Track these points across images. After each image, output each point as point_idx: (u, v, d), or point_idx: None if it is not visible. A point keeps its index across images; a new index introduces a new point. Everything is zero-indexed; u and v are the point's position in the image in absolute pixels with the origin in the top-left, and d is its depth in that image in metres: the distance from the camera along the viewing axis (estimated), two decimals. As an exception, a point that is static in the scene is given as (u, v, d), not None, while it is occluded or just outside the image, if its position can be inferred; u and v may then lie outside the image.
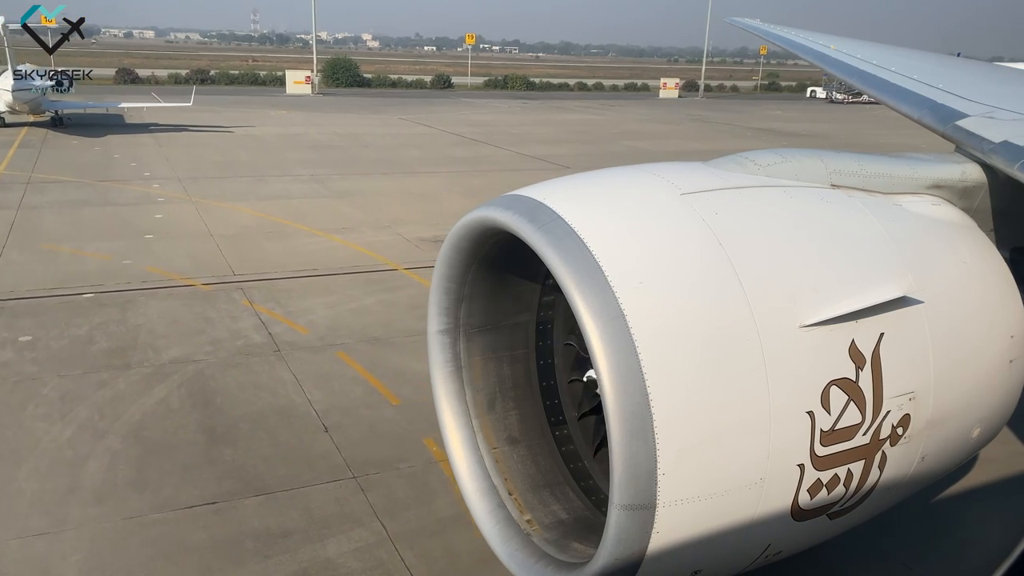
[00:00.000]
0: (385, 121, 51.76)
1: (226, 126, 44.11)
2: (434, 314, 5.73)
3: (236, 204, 23.75)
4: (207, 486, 8.85)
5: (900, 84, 8.41)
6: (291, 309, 14.73)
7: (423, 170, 31.88)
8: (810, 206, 5.02)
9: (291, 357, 12.52)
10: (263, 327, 13.76)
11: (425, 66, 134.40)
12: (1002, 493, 9.41)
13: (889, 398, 4.64)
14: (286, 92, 74.28)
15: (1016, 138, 5.92)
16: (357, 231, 20.97)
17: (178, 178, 27.66)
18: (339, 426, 10.34)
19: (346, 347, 12.99)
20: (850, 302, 4.49)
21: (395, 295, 15.76)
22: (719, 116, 65.38)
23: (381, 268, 17.67)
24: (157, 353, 12.50)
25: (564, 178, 5.10)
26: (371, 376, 11.88)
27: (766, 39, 13.77)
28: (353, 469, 9.30)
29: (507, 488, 5.69)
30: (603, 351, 4.02)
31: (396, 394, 11.30)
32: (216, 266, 17.35)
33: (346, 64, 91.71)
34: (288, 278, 16.69)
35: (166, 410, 10.63)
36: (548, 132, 48.13)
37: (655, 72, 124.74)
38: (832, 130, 55.68)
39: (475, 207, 4.99)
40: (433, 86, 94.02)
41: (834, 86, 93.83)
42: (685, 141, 45.69)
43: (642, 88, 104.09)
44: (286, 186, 27.12)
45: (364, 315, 14.54)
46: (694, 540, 4.31)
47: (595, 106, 72.43)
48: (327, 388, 11.45)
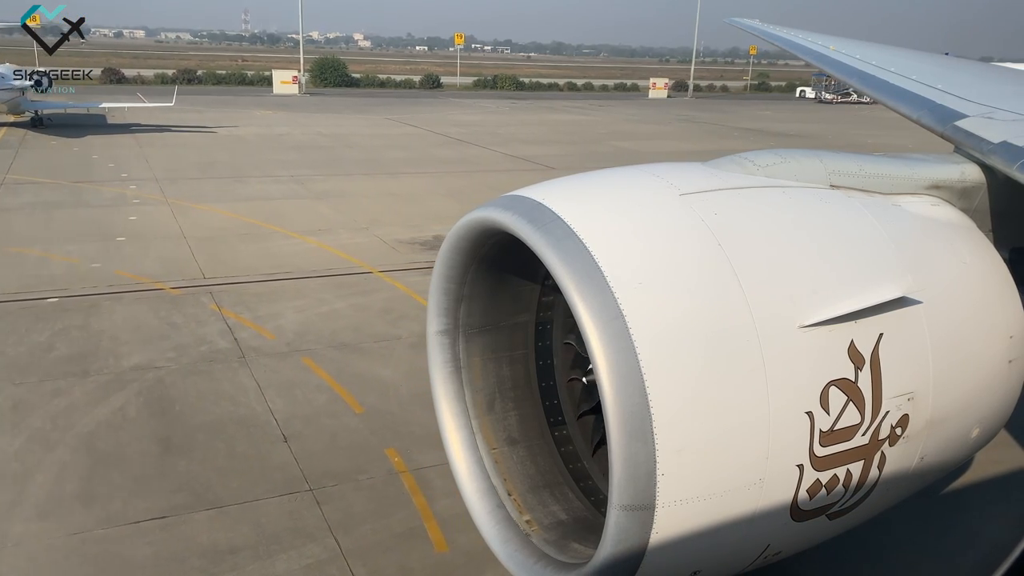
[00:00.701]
0: (371, 121, 51.43)
1: (209, 126, 43.70)
2: (433, 315, 5.65)
3: (213, 206, 23.41)
4: (157, 499, 8.55)
5: (899, 84, 8.38)
6: (260, 314, 14.42)
7: (406, 171, 31.58)
8: (809, 206, 5.02)
9: (255, 364, 12.22)
10: (229, 332, 13.45)
11: (416, 66, 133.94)
12: (1001, 492, 9.34)
13: (888, 398, 4.65)
14: (273, 92, 73.84)
15: (1015, 138, 5.90)
16: (334, 233, 20.67)
17: (156, 179, 27.30)
18: (299, 436, 10.04)
19: (313, 353, 12.69)
20: (849, 302, 4.49)
21: (368, 299, 15.46)
22: (707, 116, 65.25)
23: (355, 271, 17.37)
24: (118, 360, 12.18)
25: (563, 178, 5.08)
26: (336, 383, 11.59)
27: (766, 40, 13.77)
28: (310, 481, 9.01)
29: (506, 488, 5.68)
30: (602, 352, 4.02)
31: (361, 402, 11.02)
32: (186, 269, 17.02)
33: (334, 64, 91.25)
34: (259, 281, 16.38)
35: (121, 419, 10.32)
36: (535, 132, 47.88)
37: (646, 72, 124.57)
38: (820, 130, 55.59)
39: (474, 207, 4.97)
40: (422, 86, 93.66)
41: (823, 86, 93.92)
42: (672, 141, 45.52)
43: (632, 88, 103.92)
44: (265, 187, 26.79)
45: (334, 320, 14.24)
46: (693, 540, 4.31)
47: (584, 106, 72.23)
48: (290, 396, 11.16)
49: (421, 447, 9.82)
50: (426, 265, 17.91)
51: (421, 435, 10.11)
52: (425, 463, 9.45)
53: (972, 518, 8.75)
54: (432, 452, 9.71)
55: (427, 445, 9.87)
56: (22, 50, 57.21)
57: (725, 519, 4.33)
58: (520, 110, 66.07)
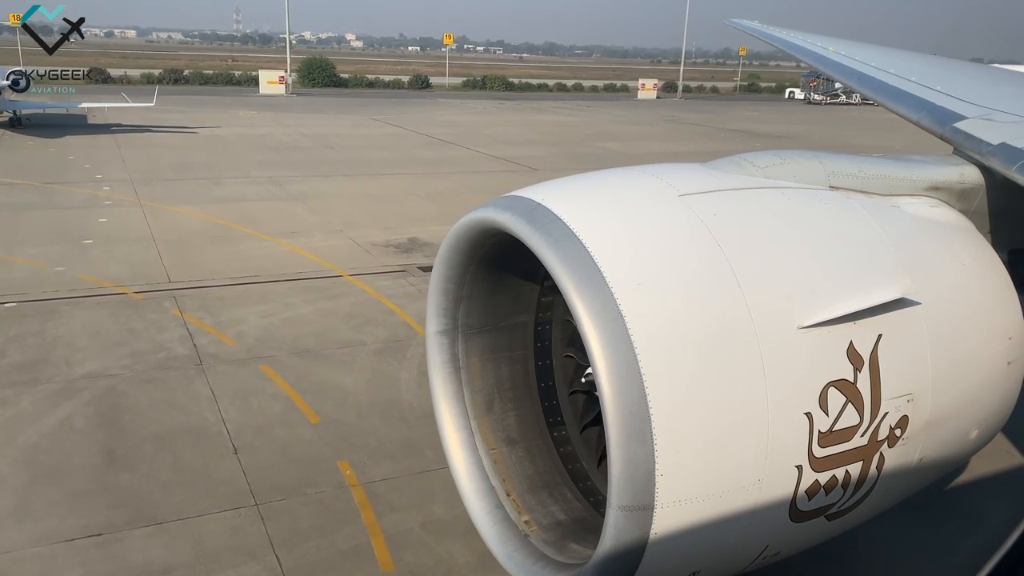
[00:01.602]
0: (355, 122, 51.05)
1: (191, 127, 43.26)
2: (432, 315, 5.67)
3: (186, 207, 23.03)
4: (95, 516, 8.23)
5: (898, 86, 8.39)
6: (222, 319, 14.08)
7: (386, 172, 31.25)
8: (808, 208, 5.03)
9: (212, 371, 11.89)
10: (189, 338, 13.12)
11: (406, 66, 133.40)
12: (995, 492, 9.31)
13: (887, 399, 4.65)
14: (259, 93, 73.32)
15: (1014, 140, 5.92)
16: (307, 235, 20.33)
17: (131, 180, 26.90)
18: (250, 447, 9.73)
19: (273, 360, 12.37)
20: (848, 303, 4.50)
21: (335, 303, 15.14)
22: (695, 117, 65.07)
23: (325, 274, 17.04)
24: (70, 367, 11.84)
25: (563, 179, 5.08)
26: (293, 392, 11.27)
27: (765, 41, 13.76)
28: (257, 496, 8.69)
29: (505, 489, 5.68)
30: (601, 352, 4.03)
31: (317, 411, 10.70)
32: (152, 273, 16.67)
33: (322, 64, 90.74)
34: (225, 285, 16.04)
35: (67, 431, 9.98)
36: (520, 133, 47.59)
37: (638, 73, 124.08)
38: (807, 131, 55.45)
39: (474, 208, 4.96)
40: (411, 87, 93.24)
41: (812, 87, 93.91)
42: (657, 143, 45.30)
43: (621, 89, 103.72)
44: (241, 188, 26.42)
45: (298, 325, 13.92)
46: (692, 541, 4.32)
47: (571, 107, 71.97)
48: (244, 405, 10.83)
49: (375, 459, 9.52)
50: (398, 268, 17.63)
51: (376, 447, 9.82)
52: (377, 476, 9.15)
53: (968, 516, 8.72)
54: (386, 464, 9.43)
55: (382, 457, 9.59)
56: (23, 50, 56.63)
57: (724, 520, 4.33)
58: (507, 111, 65.77)
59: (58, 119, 42.29)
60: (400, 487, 8.97)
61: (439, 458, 9.58)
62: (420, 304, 15.25)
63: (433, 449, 9.80)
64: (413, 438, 10.05)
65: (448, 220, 21.32)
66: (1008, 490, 9.38)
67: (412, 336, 13.55)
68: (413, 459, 9.57)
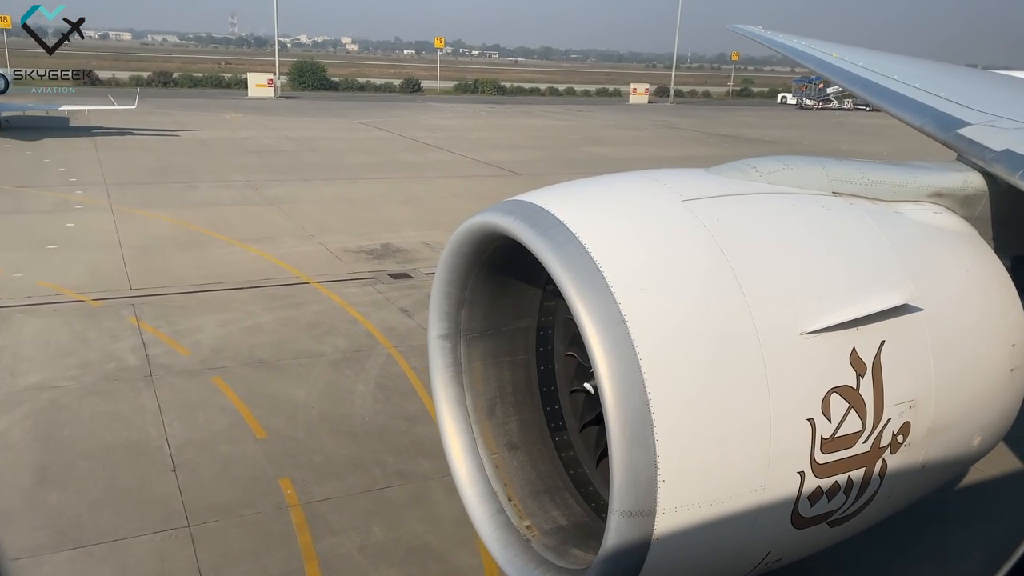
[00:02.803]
0: (342, 125, 50.62)
1: (173, 130, 42.81)
2: (435, 319, 5.67)
3: (157, 212, 22.62)
4: (15, 539, 7.83)
5: (902, 92, 8.41)
6: (179, 328, 13.69)
7: (367, 176, 30.87)
8: (811, 213, 5.03)
9: (162, 383, 11.49)
10: (142, 348, 12.72)
11: (400, 69, 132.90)
12: (1001, 498, 9.27)
13: (890, 406, 4.65)
14: (248, 95, 72.85)
15: (1017, 147, 5.92)
16: (278, 241, 19.94)
17: (105, 184, 26.46)
18: (189, 464, 9.34)
19: (225, 371, 11.97)
20: (851, 310, 4.50)
21: (297, 311, 14.75)
22: (685, 122, 64.80)
23: (291, 281, 16.65)
24: (14, 379, 11.43)
25: (566, 184, 5.06)
26: (243, 405, 10.88)
27: (767, 46, 13.74)
28: (190, 516, 8.30)
29: (507, 493, 5.68)
30: (604, 357, 4.02)
31: (265, 426, 10.31)
32: (114, 280, 16.26)
33: (312, 67, 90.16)
34: (187, 293, 15.64)
35: (1, 446, 9.57)
36: (508, 137, 47.24)
37: (632, 77, 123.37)
38: (797, 136, 55.23)
39: (476, 212, 4.93)
40: (402, 90, 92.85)
41: (803, 93, 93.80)
42: (645, 147, 44.97)
43: (614, 93, 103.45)
44: (217, 193, 26.01)
45: (256, 334, 13.52)
46: (694, 547, 4.32)
47: (562, 111, 71.66)
48: (190, 419, 10.44)
49: (319, 477, 9.14)
50: (367, 275, 17.25)
51: (321, 464, 9.44)
52: (319, 496, 8.77)
53: (971, 522, 8.68)
54: (330, 483, 9.06)
55: (326, 475, 9.21)
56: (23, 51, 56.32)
57: (726, 525, 4.32)
58: (497, 114, 65.45)
59: (39, 122, 41.75)
60: (342, 507, 8.59)
61: (386, 476, 9.30)
62: (386, 313, 14.89)
63: (380, 467, 9.45)
64: (361, 455, 9.67)
65: (424, 226, 21.12)
66: (1010, 494, 9.33)
67: (373, 346, 13.17)
68: (359, 477, 9.19)
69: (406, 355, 12.83)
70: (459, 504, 8.66)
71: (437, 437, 10.12)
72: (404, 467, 9.44)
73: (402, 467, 9.44)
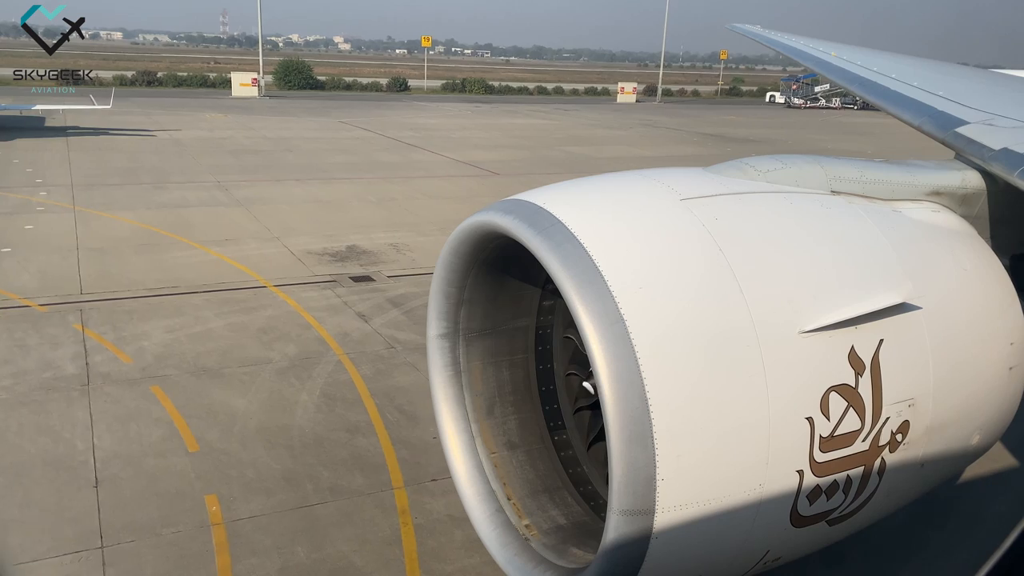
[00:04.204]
0: (323, 125, 50.16)
1: (151, 130, 42.27)
2: (433, 318, 5.64)
3: (121, 213, 22.15)
4: (-86, 563, 7.40)
5: (900, 91, 8.43)
6: (125, 334, 13.26)
7: (342, 176, 30.44)
8: (810, 212, 5.03)
9: (98, 393, 11.06)
10: (83, 356, 12.29)
11: (391, 69, 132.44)
12: (996, 495, 9.24)
13: (888, 404, 4.67)
14: (232, 95, 72.27)
15: (1016, 145, 5.94)
16: (241, 243, 19.51)
17: (71, 185, 25.98)
18: (113, 480, 8.92)
19: (166, 380, 11.55)
20: (850, 308, 4.51)
21: (250, 316, 14.33)
22: (670, 121, 64.50)
23: (248, 285, 16.23)
24: (-57, 389, 10.99)
25: (565, 183, 5.08)
26: (179, 416, 10.46)
27: (767, 45, 13.67)
28: (105, 536, 7.90)
29: (506, 493, 5.67)
30: (603, 356, 4.01)
31: (199, 438, 9.90)
32: (65, 284, 15.80)
33: (298, 66, 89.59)
34: (139, 297, 15.20)
35: (-83, 461, 9.15)
36: (490, 137, 46.86)
37: (623, 77, 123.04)
38: (781, 135, 55.01)
39: (476, 211, 4.94)
40: (389, 89, 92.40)
41: (792, 91, 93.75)
42: (626, 147, 44.58)
43: (602, 93, 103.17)
44: (185, 194, 25.53)
45: (204, 341, 13.10)
46: (693, 546, 4.34)
47: (548, 111, 71.30)
48: (121, 431, 10.02)
49: (248, 493, 8.74)
50: (328, 279, 16.85)
51: (252, 479, 9.04)
52: (244, 513, 8.37)
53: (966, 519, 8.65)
54: (258, 500, 8.66)
55: (255, 491, 8.81)
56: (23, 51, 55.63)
57: (725, 524, 4.34)
58: (482, 114, 65.05)
59: (14, 121, 41.07)
60: (267, 526, 8.19)
61: (318, 492, 8.90)
62: (342, 317, 14.49)
63: (313, 482, 9.05)
64: (295, 470, 9.27)
65: (393, 227, 20.73)
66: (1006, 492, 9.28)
67: (324, 353, 12.77)
68: (289, 493, 8.79)
69: (357, 362, 12.44)
70: (390, 522, 8.40)
71: (375, 449, 9.87)
72: (338, 482, 9.04)
73: (336, 482, 9.04)
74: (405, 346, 13.23)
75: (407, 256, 18.98)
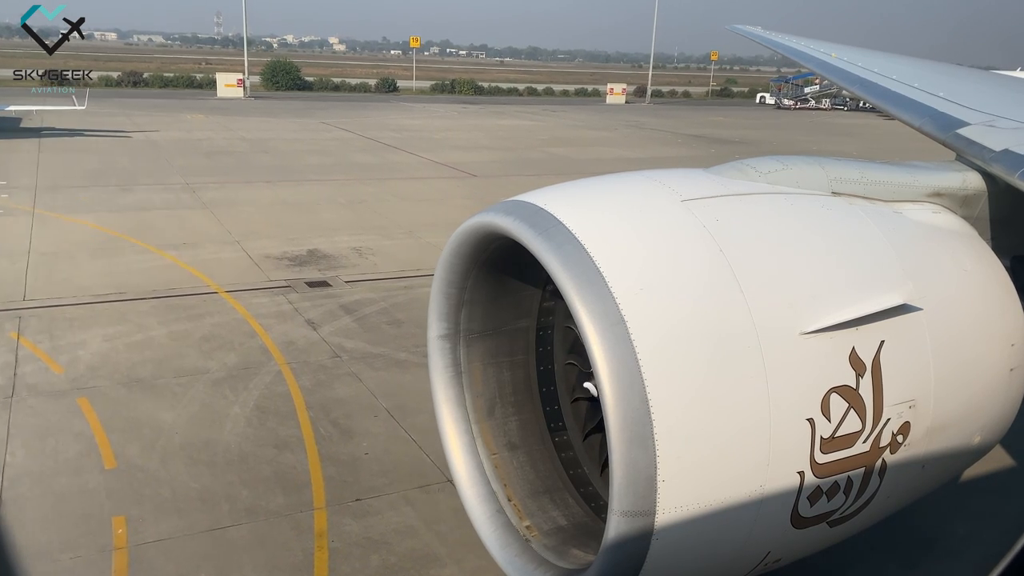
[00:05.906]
0: (304, 126, 49.67)
1: (128, 131, 41.76)
2: (434, 319, 5.64)
3: (81, 216, 21.66)
4: None
5: (901, 92, 8.41)
6: (61, 343, 12.80)
7: (315, 177, 29.97)
8: (811, 213, 5.04)
9: (21, 405, 10.61)
10: (12, 366, 11.82)
11: (383, 69, 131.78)
12: (998, 496, 9.17)
13: (889, 406, 4.67)
14: (217, 95, 71.72)
15: (1017, 147, 5.93)
16: (199, 247, 19.04)
17: (35, 187, 25.47)
18: (18, 500, 8.47)
19: (95, 392, 11.09)
20: (851, 309, 4.51)
21: (194, 324, 13.88)
22: (657, 122, 64.13)
23: (199, 291, 15.77)
24: None
25: (566, 184, 5.06)
26: (101, 430, 10.01)
27: (767, 46, 13.65)
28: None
29: (506, 494, 5.67)
30: (603, 357, 4.01)
31: (118, 454, 9.45)
32: (9, 290, 15.32)
33: (286, 66, 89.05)
34: (83, 304, 14.73)
35: None
36: (472, 138, 46.43)
37: (616, 77, 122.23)
38: (768, 136, 54.69)
39: (476, 212, 4.91)
40: (378, 90, 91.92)
41: (782, 92, 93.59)
42: (609, 148, 44.17)
43: (593, 93, 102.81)
44: (150, 196, 25.04)
45: (142, 350, 12.65)
46: (693, 547, 4.33)
47: (535, 111, 70.89)
48: (37, 447, 9.56)
49: (159, 514, 8.30)
50: (282, 284, 16.40)
51: (166, 499, 8.59)
52: (151, 536, 7.93)
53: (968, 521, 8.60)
54: (168, 521, 8.22)
55: (167, 512, 8.37)
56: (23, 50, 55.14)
57: (725, 525, 4.33)
58: (468, 115, 64.61)
59: (-12, 123, 40.61)
60: (172, 550, 7.75)
61: (233, 513, 8.44)
62: (290, 325, 14.06)
63: (230, 502, 8.61)
64: (213, 488, 8.82)
65: (360, 230, 20.27)
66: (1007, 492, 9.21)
67: (265, 363, 12.33)
68: (203, 514, 8.35)
69: (298, 373, 12.00)
70: (304, 546, 7.96)
71: (301, 467, 9.43)
72: (257, 503, 8.60)
73: (255, 503, 8.60)
74: (351, 355, 12.79)
75: (368, 260, 18.54)
